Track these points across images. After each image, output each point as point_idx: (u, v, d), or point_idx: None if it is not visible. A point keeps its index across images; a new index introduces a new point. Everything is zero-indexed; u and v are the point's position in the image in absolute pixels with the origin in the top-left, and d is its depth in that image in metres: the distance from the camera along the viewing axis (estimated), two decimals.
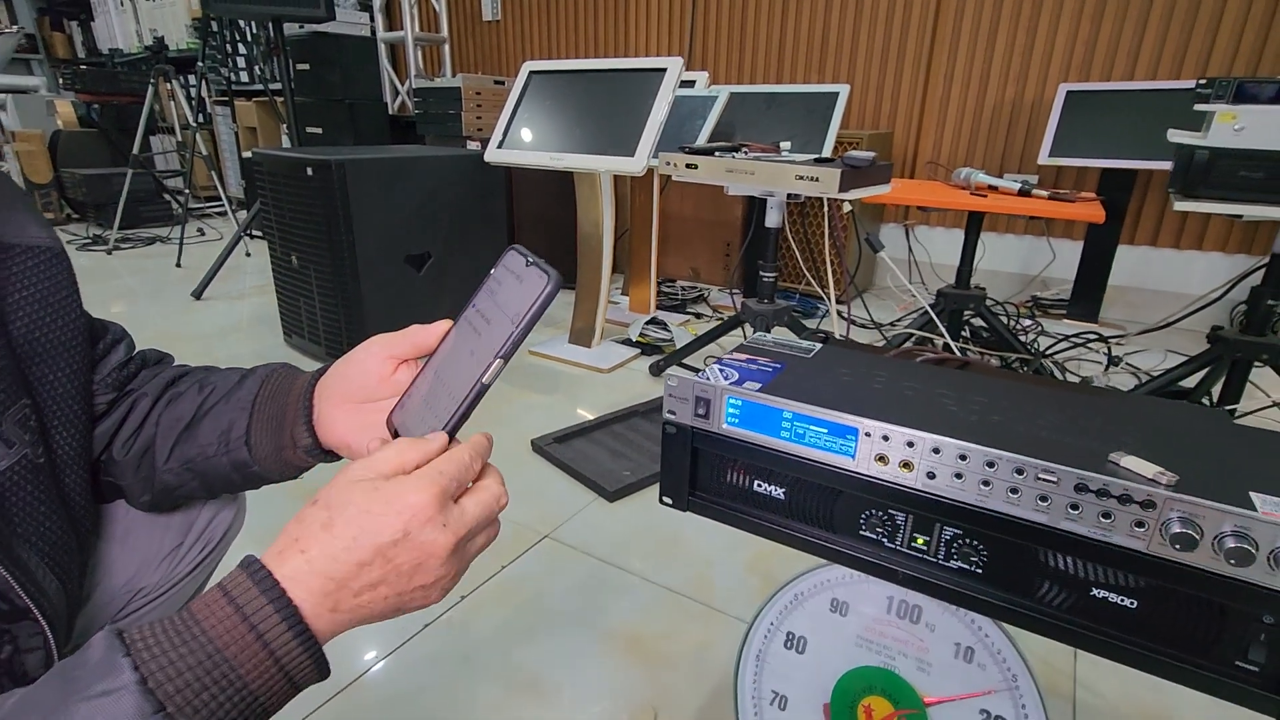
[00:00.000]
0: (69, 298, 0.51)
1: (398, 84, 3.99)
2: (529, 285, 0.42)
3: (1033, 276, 2.66)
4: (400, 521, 0.36)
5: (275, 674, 0.34)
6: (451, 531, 0.38)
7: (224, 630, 0.33)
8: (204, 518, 0.62)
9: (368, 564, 0.36)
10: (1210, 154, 1.25)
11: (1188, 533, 0.43)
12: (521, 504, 1.30)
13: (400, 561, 0.36)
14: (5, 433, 0.45)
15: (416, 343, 0.48)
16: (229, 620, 0.33)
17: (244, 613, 0.33)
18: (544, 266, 0.42)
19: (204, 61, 3.11)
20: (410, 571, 0.37)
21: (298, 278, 1.95)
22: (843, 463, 0.55)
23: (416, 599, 0.38)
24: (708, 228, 2.73)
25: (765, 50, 3.01)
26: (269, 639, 0.33)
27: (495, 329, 0.43)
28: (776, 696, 0.72)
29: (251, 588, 0.34)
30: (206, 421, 0.53)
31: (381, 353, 0.49)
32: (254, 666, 0.33)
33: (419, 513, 0.37)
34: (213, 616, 0.33)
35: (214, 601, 0.34)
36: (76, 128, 4.20)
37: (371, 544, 0.36)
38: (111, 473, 0.56)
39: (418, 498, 0.37)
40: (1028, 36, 2.48)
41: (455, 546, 0.38)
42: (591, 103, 1.85)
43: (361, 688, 0.90)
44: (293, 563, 0.35)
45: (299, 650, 0.34)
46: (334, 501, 0.37)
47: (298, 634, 0.34)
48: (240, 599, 0.34)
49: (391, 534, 0.36)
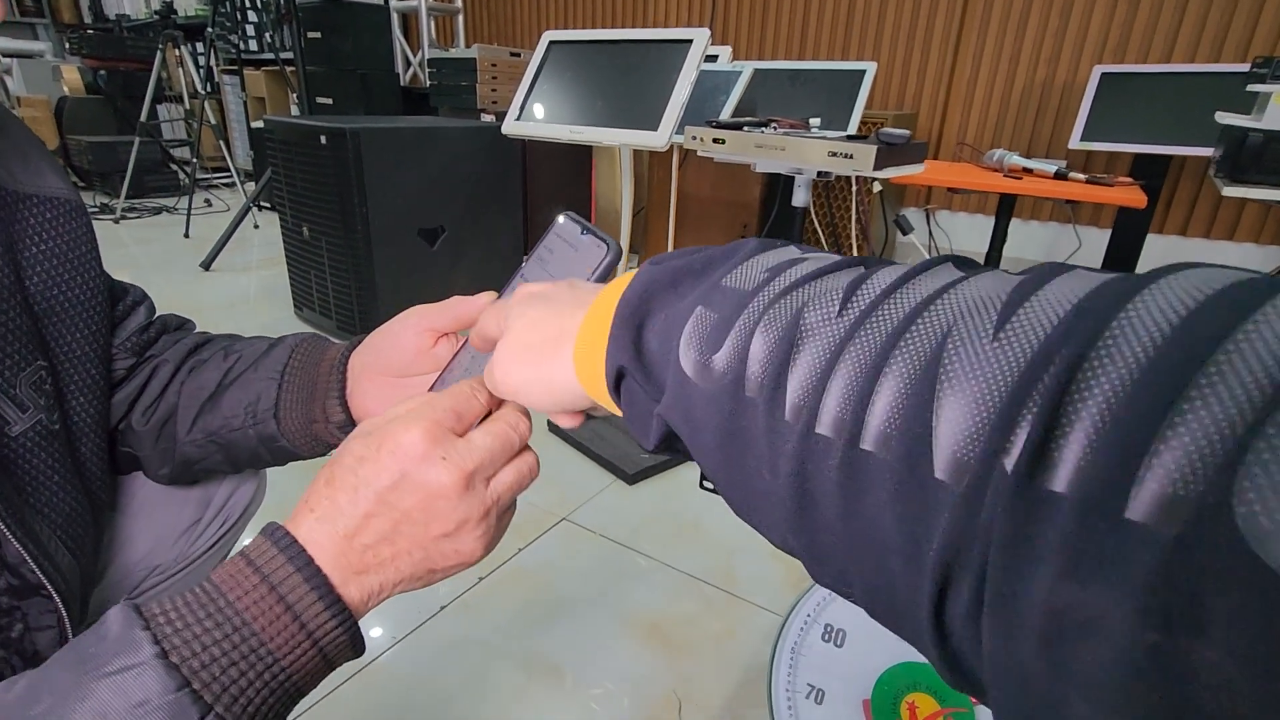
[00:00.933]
0: (89, 254, 0.48)
1: (410, 55, 3.92)
2: (585, 254, 0.39)
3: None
4: (394, 462, 0.33)
5: (309, 651, 0.31)
6: (455, 465, 0.33)
7: (250, 600, 0.30)
8: (223, 493, 0.59)
9: (374, 514, 0.32)
10: (1264, 137, 1.20)
11: None
12: (539, 486, 1.26)
13: (407, 507, 0.32)
14: (20, 396, 0.42)
15: (458, 315, 0.44)
16: (255, 589, 0.30)
17: (272, 583, 0.30)
18: (601, 235, 0.39)
19: (213, 28, 3.05)
20: (423, 519, 0.33)
21: (309, 249, 1.91)
22: None
23: (446, 553, 0.34)
24: (725, 208, 2.67)
25: (789, 25, 2.93)
26: (300, 612, 0.30)
27: None
28: (813, 690, 0.69)
29: (277, 554, 0.31)
30: (232, 391, 0.50)
31: (420, 324, 0.45)
32: (286, 643, 0.30)
33: (411, 449, 0.33)
34: (238, 587, 0.30)
35: (238, 570, 0.31)
36: (83, 94, 4.14)
37: (372, 492, 0.32)
38: (129, 443, 0.53)
39: (407, 434, 0.33)
40: (1061, 18, 2.40)
41: (467, 482, 0.33)
42: (613, 75, 1.79)
43: (378, 670, 0.88)
44: (305, 524, 0.32)
45: (333, 625, 0.31)
46: (335, 457, 0.34)
47: (330, 605, 0.31)
48: (268, 568, 0.31)
49: (390, 477, 0.32)
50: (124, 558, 0.56)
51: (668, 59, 1.67)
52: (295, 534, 0.32)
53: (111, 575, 0.56)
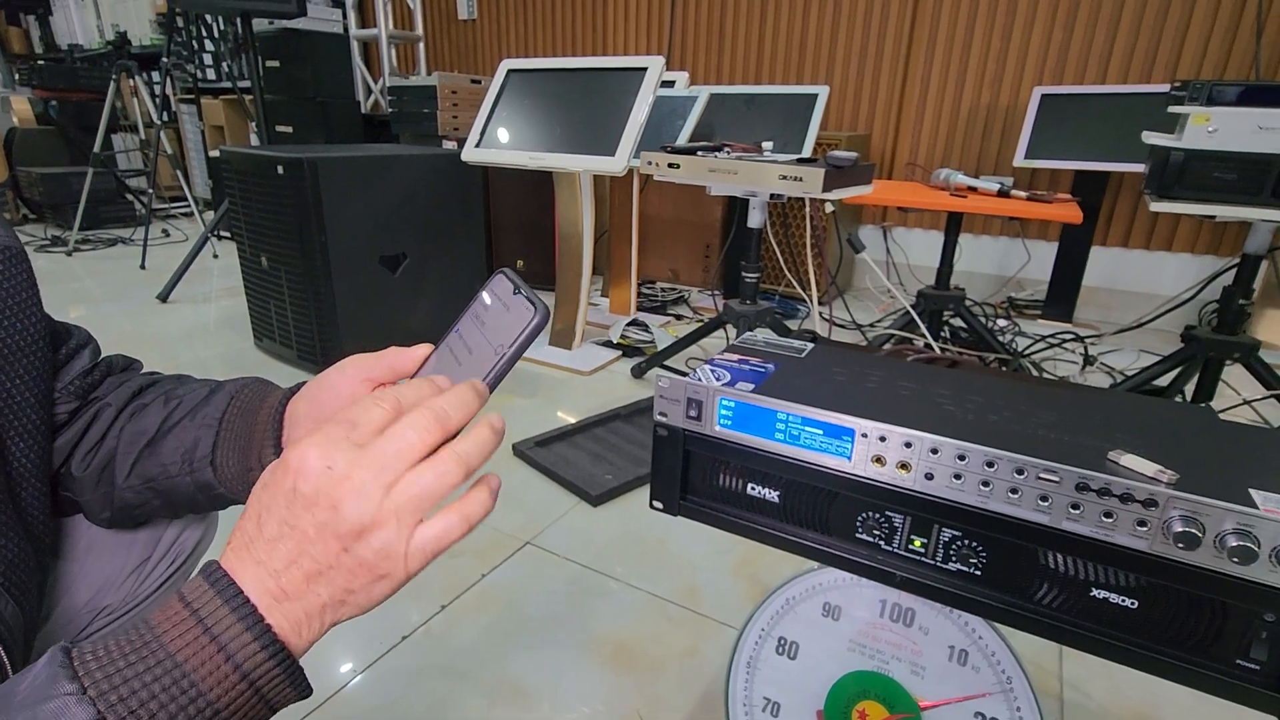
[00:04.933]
0: (29, 299, 0.48)
1: (371, 82, 3.93)
2: (515, 316, 0.40)
3: (1009, 277, 2.69)
4: (286, 479, 0.32)
5: (246, 694, 0.31)
6: (341, 473, 0.32)
7: (176, 634, 0.30)
8: (171, 532, 0.59)
9: (278, 538, 0.32)
10: (1185, 155, 1.27)
11: (1190, 531, 0.42)
12: (503, 510, 1.27)
13: (304, 525, 0.32)
14: None
15: (394, 366, 0.45)
16: (184, 623, 0.30)
17: (198, 614, 0.31)
18: (531, 297, 0.40)
19: (169, 58, 3.03)
20: (319, 535, 0.32)
21: (268, 279, 1.89)
22: (839, 464, 0.54)
23: (355, 569, 0.32)
24: (687, 229, 2.72)
25: (744, 51, 3.02)
26: (234, 652, 0.30)
27: (478, 358, 0.41)
28: (769, 703, 0.70)
29: (207, 589, 0.31)
30: (170, 438, 0.50)
31: (356, 375, 0.46)
32: (208, 671, 0.30)
33: (298, 465, 0.32)
34: (167, 622, 0.31)
35: (170, 608, 0.31)
36: (34, 125, 4.06)
37: (273, 516, 0.32)
38: (70, 488, 0.53)
39: (296, 451, 0.32)
40: (1002, 41, 2.52)
41: (356, 489, 0.32)
42: (571, 102, 1.83)
43: (340, 702, 0.87)
44: (229, 557, 0.33)
45: (271, 666, 0.31)
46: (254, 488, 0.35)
47: (266, 645, 0.31)
48: (195, 601, 0.31)
49: (284, 497, 0.32)
50: (69, 600, 0.56)
51: (624, 86, 1.71)
52: (227, 568, 0.32)
53: (57, 618, 0.55)
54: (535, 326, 0.39)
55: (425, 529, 0.34)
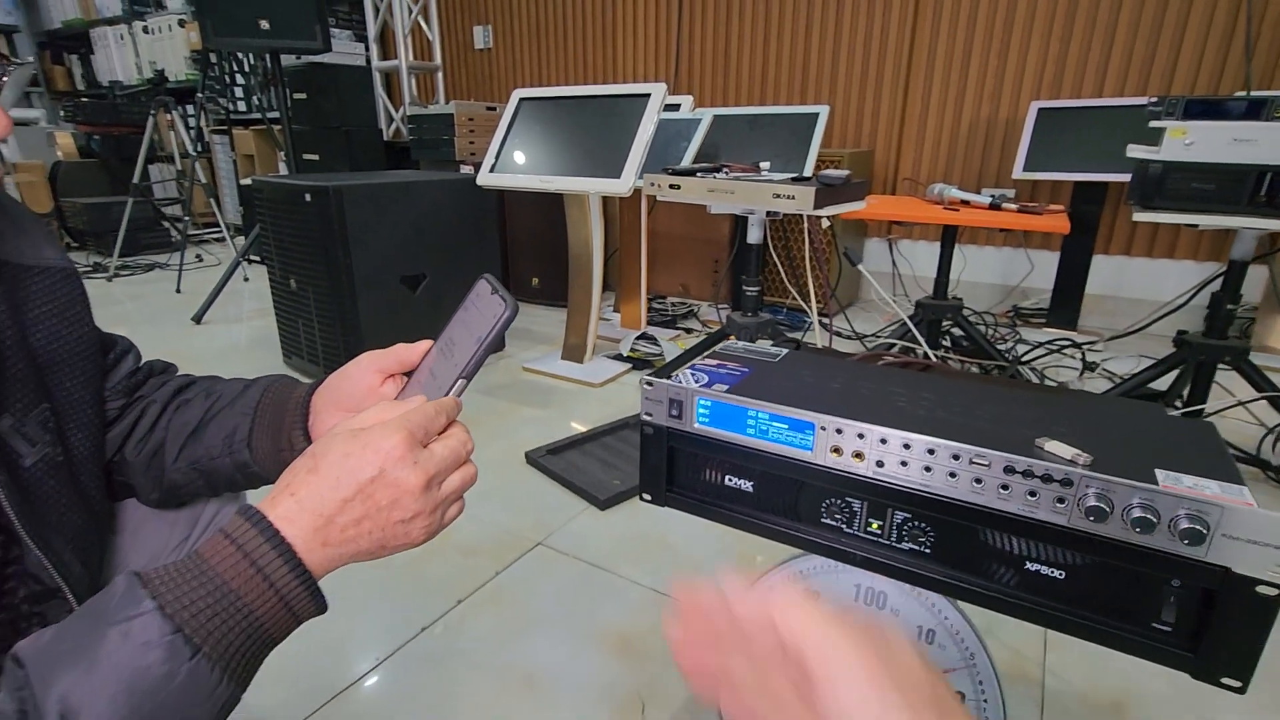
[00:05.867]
0: (82, 313, 0.57)
1: (392, 111, 4.09)
2: (490, 311, 0.48)
3: (1013, 287, 2.73)
4: (377, 460, 0.42)
5: (275, 602, 0.39)
6: (422, 469, 0.43)
7: (228, 566, 0.38)
8: (209, 511, 0.67)
9: (350, 500, 0.41)
10: (1163, 167, 1.32)
11: (1100, 506, 0.48)
12: (515, 513, 1.34)
13: (379, 498, 0.41)
14: (29, 432, 0.50)
15: (401, 359, 0.55)
16: (232, 558, 0.38)
17: (244, 550, 0.39)
18: (504, 295, 0.48)
19: (203, 92, 3.20)
20: (388, 507, 0.42)
21: (296, 300, 2.00)
22: (802, 455, 0.60)
23: (399, 535, 0.43)
24: (696, 245, 2.80)
25: (749, 73, 3.11)
26: (268, 571, 0.39)
27: (460, 350, 0.49)
28: None
29: (250, 529, 0.39)
30: (212, 426, 0.59)
31: (370, 366, 0.55)
32: (256, 596, 0.38)
33: (391, 452, 0.42)
34: (217, 555, 0.38)
35: (217, 543, 0.39)
36: (76, 158, 4.27)
37: (353, 482, 0.41)
38: (124, 473, 0.61)
39: (389, 441, 0.42)
40: (1000, 59, 2.58)
41: (427, 483, 0.43)
42: (579, 127, 1.92)
43: (361, 688, 0.94)
44: (284, 505, 0.41)
45: (295, 581, 0.39)
46: (318, 451, 0.43)
47: (292, 566, 0.39)
48: (240, 539, 0.39)
49: (369, 472, 0.41)
50: (125, 569, 0.64)
51: (628, 112, 1.80)
52: (271, 512, 0.40)
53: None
54: (507, 319, 0.47)
55: (446, 515, 0.46)
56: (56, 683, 0.33)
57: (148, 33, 4.54)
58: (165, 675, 0.34)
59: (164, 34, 4.45)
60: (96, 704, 0.33)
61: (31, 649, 0.35)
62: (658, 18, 3.28)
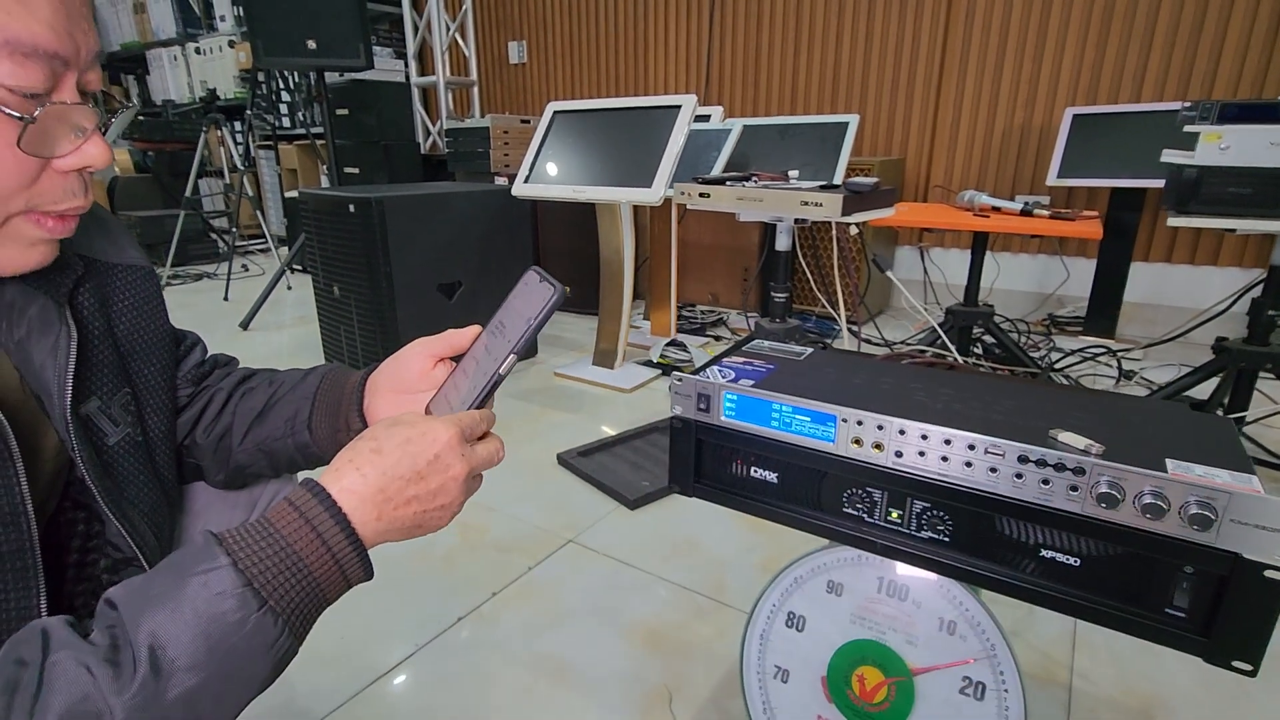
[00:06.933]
0: (158, 307, 0.63)
1: (430, 125, 4.21)
2: (540, 295, 0.53)
3: (1048, 294, 2.70)
4: (435, 448, 0.47)
5: (331, 564, 0.43)
6: (467, 462, 0.49)
7: (292, 530, 0.43)
8: (267, 494, 0.72)
9: (408, 480, 0.46)
10: (1199, 172, 1.32)
11: (1112, 493, 0.50)
12: (547, 512, 1.38)
13: (430, 481, 0.47)
14: (113, 414, 0.55)
15: (452, 343, 0.60)
16: (295, 523, 0.43)
17: (306, 516, 0.43)
18: (553, 281, 0.53)
19: (252, 110, 3.34)
20: (435, 491, 0.47)
21: (339, 307, 2.08)
22: (825, 446, 0.63)
23: (433, 518, 0.48)
24: (726, 254, 2.83)
25: (779, 83, 3.14)
26: (326, 537, 0.43)
27: (511, 329, 0.53)
28: (779, 671, 0.78)
29: (312, 500, 0.44)
30: (276, 409, 0.64)
31: (423, 351, 0.60)
32: (315, 558, 0.43)
33: (448, 443, 0.48)
34: (282, 520, 0.43)
35: (283, 510, 0.44)
36: (132, 174, 4.49)
37: (412, 465, 0.46)
38: (194, 454, 0.67)
39: (446, 433, 0.48)
40: (1034, 64, 2.56)
41: (467, 476, 0.49)
42: (611, 138, 1.97)
43: (400, 673, 0.98)
44: (349, 478, 0.45)
45: (348, 547, 0.44)
46: (380, 435, 0.48)
47: (348, 534, 0.44)
48: (304, 508, 0.44)
49: (428, 456, 0.47)
50: None
51: (659, 123, 1.85)
52: (335, 484, 0.44)
53: None
54: (556, 300, 0.51)
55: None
56: (146, 621, 0.38)
57: (199, 54, 4.75)
58: (238, 622, 0.39)
59: (215, 54, 4.66)
60: (180, 640, 0.38)
61: (123, 593, 0.39)
62: (689, 30, 3.33)
